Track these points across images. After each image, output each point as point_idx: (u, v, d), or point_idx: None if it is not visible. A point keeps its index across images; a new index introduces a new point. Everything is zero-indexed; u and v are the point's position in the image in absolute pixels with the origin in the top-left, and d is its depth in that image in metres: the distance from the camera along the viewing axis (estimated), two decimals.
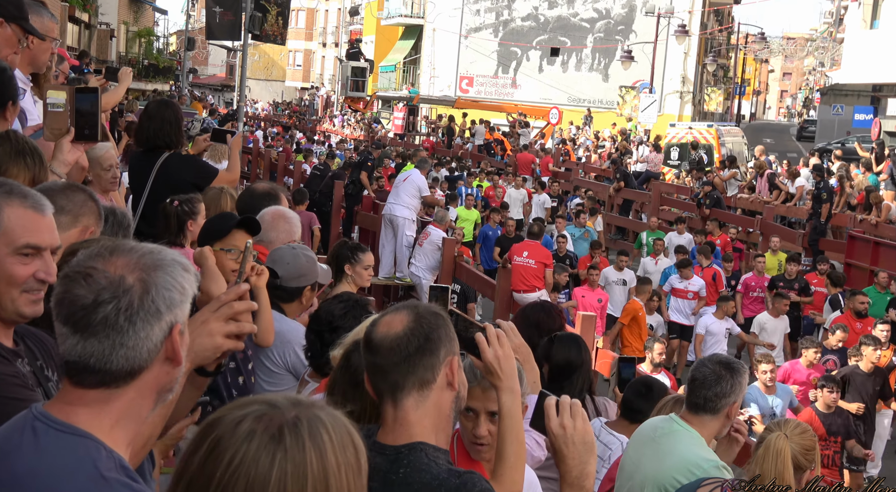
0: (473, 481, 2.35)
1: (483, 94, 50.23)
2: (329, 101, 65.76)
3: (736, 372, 4.16)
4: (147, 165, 6.45)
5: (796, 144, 51.90)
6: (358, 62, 37.82)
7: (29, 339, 2.62)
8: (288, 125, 48.49)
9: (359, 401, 2.93)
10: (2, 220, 2.41)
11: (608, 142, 36.65)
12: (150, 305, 1.88)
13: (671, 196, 25.91)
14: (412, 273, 14.51)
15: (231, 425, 1.60)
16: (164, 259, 1.94)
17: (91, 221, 3.25)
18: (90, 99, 3.70)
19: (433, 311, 2.51)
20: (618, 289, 15.18)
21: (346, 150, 33.89)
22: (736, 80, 59.22)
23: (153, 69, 53.84)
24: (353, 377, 2.98)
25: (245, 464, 1.57)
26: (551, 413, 2.58)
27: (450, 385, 2.45)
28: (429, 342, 2.42)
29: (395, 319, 2.47)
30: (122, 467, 1.85)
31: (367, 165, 20.68)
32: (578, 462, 2.54)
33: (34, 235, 2.46)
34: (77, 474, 1.78)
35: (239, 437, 1.58)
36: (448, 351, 2.46)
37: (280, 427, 1.60)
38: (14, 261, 2.44)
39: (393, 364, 2.44)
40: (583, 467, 2.54)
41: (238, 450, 1.57)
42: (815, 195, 20.24)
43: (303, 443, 1.59)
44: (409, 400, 2.43)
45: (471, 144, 36.12)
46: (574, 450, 2.54)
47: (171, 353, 1.93)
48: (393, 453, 2.40)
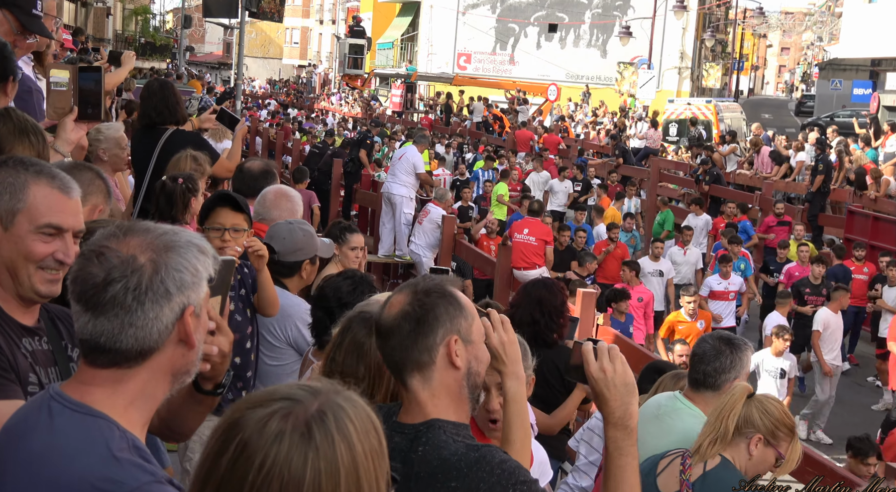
0: (492, 453, 2.35)
1: (481, 70, 50.04)
2: (327, 79, 65.57)
3: (736, 348, 4.15)
4: (150, 142, 6.45)
5: (795, 120, 51.77)
6: (356, 39, 37.65)
7: (61, 320, 2.65)
8: (286, 103, 48.38)
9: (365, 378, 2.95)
10: (27, 197, 2.45)
11: (606, 118, 36.59)
12: (158, 286, 1.88)
13: (670, 172, 25.90)
14: (412, 251, 14.52)
15: (257, 426, 1.59)
16: (178, 240, 1.94)
17: (100, 200, 3.27)
18: (94, 78, 3.69)
19: (433, 290, 2.46)
20: (655, 281, 14.09)
21: (343, 127, 33.86)
22: (734, 55, 59.03)
23: (150, 47, 53.61)
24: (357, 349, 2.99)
25: (277, 465, 1.56)
26: (590, 358, 2.58)
27: (452, 365, 2.42)
28: (421, 325, 2.40)
29: (396, 300, 2.46)
30: (136, 447, 1.85)
31: (366, 143, 20.66)
32: (621, 404, 2.55)
33: (57, 215, 2.49)
34: (89, 454, 1.80)
35: (268, 438, 1.58)
36: (447, 331, 2.42)
37: (308, 424, 1.59)
38: (35, 238, 2.47)
39: (391, 347, 2.44)
40: (626, 407, 2.55)
41: (269, 452, 1.57)
42: (812, 168, 20.25)
43: (332, 438, 1.59)
44: (414, 381, 2.43)
45: (469, 122, 36.05)
46: (616, 392, 2.55)
47: (184, 335, 1.93)
48: (412, 431, 2.41)
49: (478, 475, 2.29)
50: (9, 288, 2.48)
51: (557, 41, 50.81)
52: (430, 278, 2.52)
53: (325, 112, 45.01)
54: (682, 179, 24.55)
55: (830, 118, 37.27)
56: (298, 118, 39.36)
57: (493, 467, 2.30)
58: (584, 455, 5.41)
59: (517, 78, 45.38)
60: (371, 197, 16.95)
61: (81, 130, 3.69)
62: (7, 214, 2.43)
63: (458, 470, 2.31)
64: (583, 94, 42.69)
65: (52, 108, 3.69)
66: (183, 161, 5.88)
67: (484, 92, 41.14)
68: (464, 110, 39.06)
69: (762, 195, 20.63)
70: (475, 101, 38.70)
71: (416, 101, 47.07)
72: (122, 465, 1.79)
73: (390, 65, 56.51)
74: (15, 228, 2.45)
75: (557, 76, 46.18)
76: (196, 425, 2.55)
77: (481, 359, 2.50)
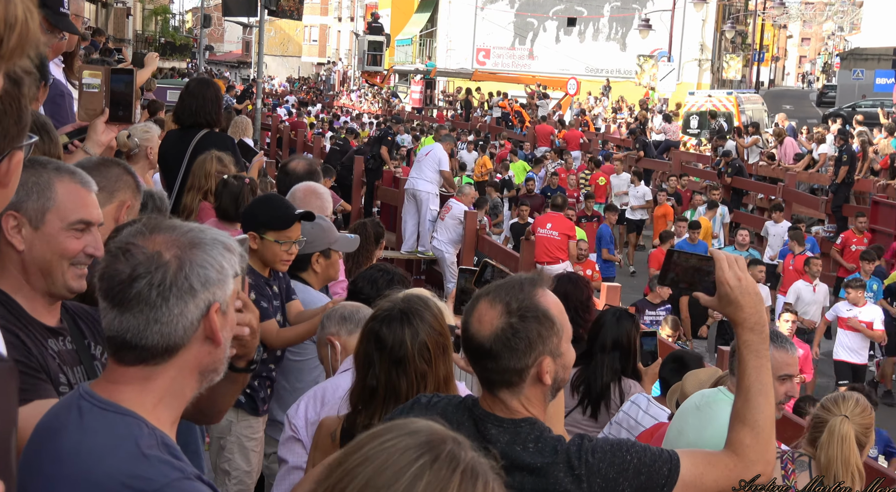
0: (590, 437, 2.50)
1: (500, 66, 49.94)
2: (346, 76, 65.66)
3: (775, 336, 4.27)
4: (182, 144, 6.42)
5: (816, 110, 51.46)
6: (375, 36, 37.69)
7: (82, 318, 2.66)
8: (305, 101, 48.46)
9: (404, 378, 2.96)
10: (56, 196, 2.48)
11: (626, 111, 36.46)
12: (183, 282, 1.88)
13: (691, 165, 25.79)
14: (434, 247, 14.53)
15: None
16: (203, 238, 1.94)
17: (127, 196, 3.25)
18: (125, 79, 3.69)
19: (527, 311, 2.44)
20: None
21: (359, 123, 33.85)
22: (754, 46, 58.68)
23: (170, 47, 53.87)
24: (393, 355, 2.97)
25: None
26: (725, 266, 2.63)
27: (541, 382, 2.47)
28: (514, 351, 2.43)
29: (487, 316, 2.46)
30: (165, 444, 1.86)
31: (388, 139, 20.68)
32: (755, 310, 2.63)
33: (84, 210, 2.52)
34: (118, 452, 1.81)
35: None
36: (539, 353, 2.45)
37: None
38: (68, 235, 2.50)
39: (482, 366, 2.49)
40: (759, 314, 2.64)
41: None
42: (836, 159, 20.11)
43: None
44: (502, 393, 2.49)
45: (489, 117, 36.02)
46: (750, 299, 2.62)
47: (210, 332, 1.93)
48: (511, 425, 2.47)
49: (596, 457, 2.42)
50: (39, 287, 2.49)
51: (577, 35, 50.69)
52: (520, 288, 2.49)
53: (344, 109, 45.01)
54: (703, 172, 24.44)
55: (852, 108, 37.02)
56: (324, 116, 39.18)
57: (600, 445, 2.45)
58: None
59: (536, 72, 45.28)
60: (393, 193, 16.95)
61: (112, 132, 3.70)
62: (37, 214, 2.45)
63: (578, 458, 2.41)
64: (603, 87, 42.57)
65: (84, 109, 3.70)
66: (208, 162, 5.86)
67: (503, 87, 41.07)
68: (484, 105, 39.05)
69: (785, 187, 20.51)
70: (495, 96, 38.67)
71: (436, 97, 47.05)
72: (151, 462, 1.80)
73: (409, 61, 56.49)
74: (46, 227, 2.47)
75: (577, 70, 46.04)
76: (227, 406, 2.53)
77: (567, 365, 2.54)
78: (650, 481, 2.43)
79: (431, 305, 3.04)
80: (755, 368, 2.62)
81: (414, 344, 2.93)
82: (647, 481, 2.43)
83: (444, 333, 3.01)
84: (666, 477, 2.44)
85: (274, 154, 24.77)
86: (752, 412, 2.59)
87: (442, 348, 2.99)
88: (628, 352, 5.51)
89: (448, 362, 3.02)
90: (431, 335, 2.95)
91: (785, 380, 4.11)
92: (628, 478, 2.42)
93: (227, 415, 4.35)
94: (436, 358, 2.96)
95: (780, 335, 4.27)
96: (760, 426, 2.58)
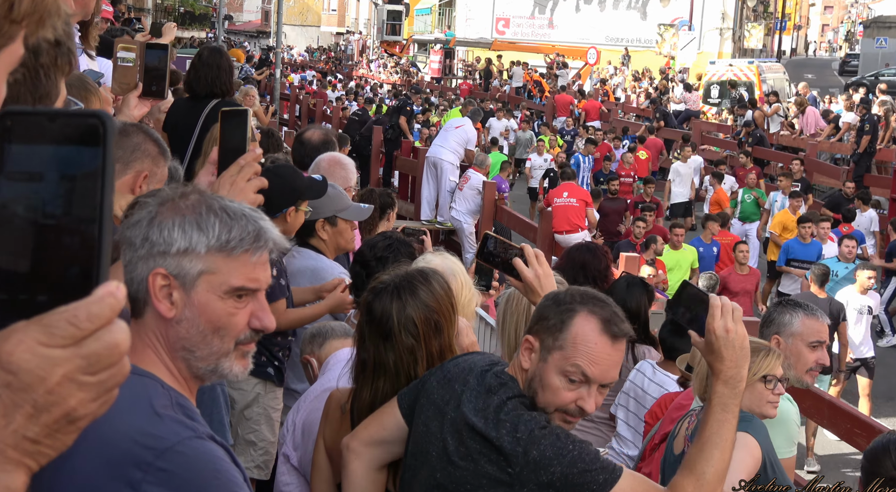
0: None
1: (519, 35, 49.65)
2: (365, 46, 65.46)
3: (775, 306, 4.35)
4: (192, 114, 6.35)
5: (838, 79, 51.00)
6: (395, 5, 37.54)
7: None
8: (325, 71, 48.37)
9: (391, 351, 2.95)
10: None
11: (646, 81, 36.24)
12: (148, 235, 1.90)
13: (711, 135, 25.65)
14: (453, 218, 14.55)
15: None
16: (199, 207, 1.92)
17: (145, 165, 3.18)
18: (159, 55, 3.69)
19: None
20: (861, 319, 10.45)
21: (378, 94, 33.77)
22: (776, 15, 58.13)
23: (189, 17, 53.74)
24: (380, 328, 2.95)
25: None
26: (717, 313, 2.63)
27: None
28: None
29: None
30: (179, 404, 1.88)
31: (406, 109, 20.65)
32: (734, 365, 2.63)
33: None
34: (133, 411, 1.81)
35: None
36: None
37: None
38: None
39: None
40: (738, 370, 2.63)
41: None
42: (858, 128, 19.96)
43: None
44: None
45: (508, 87, 35.88)
46: (733, 353, 2.62)
47: (151, 296, 1.90)
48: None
49: (543, 432, 2.55)
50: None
51: (597, 4, 50.28)
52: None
53: (364, 79, 44.88)
54: (724, 141, 24.29)
55: (875, 77, 36.69)
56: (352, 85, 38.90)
57: (553, 429, 2.57)
58: (623, 420, 5.42)
59: (556, 42, 45.01)
60: (412, 163, 16.94)
61: (145, 106, 3.70)
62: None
63: (527, 430, 2.56)
64: (622, 57, 42.30)
65: (118, 83, 3.70)
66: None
67: (523, 57, 40.84)
68: (503, 74, 38.87)
69: (807, 157, 20.38)
70: (515, 65, 38.50)
71: (455, 66, 46.86)
72: (164, 420, 1.82)
73: (428, 31, 56.25)
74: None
75: (597, 39, 45.69)
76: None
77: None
78: (583, 479, 2.48)
79: (434, 281, 2.98)
80: (719, 421, 2.63)
81: (400, 318, 2.90)
82: (579, 476, 2.48)
83: (440, 310, 2.94)
84: (600, 484, 2.47)
85: (293, 124, 24.78)
86: (702, 464, 2.60)
87: (433, 325, 2.94)
88: (637, 318, 5.51)
89: (444, 339, 2.97)
90: (421, 311, 2.91)
91: (816, 347, 4.10)
92: (563, 464, 2.47)
93: (255, 387, 4.40)
94: (425, 334, 2.92)
95: (810, 305, 4.26)
96: (706, 480, 2.59)
